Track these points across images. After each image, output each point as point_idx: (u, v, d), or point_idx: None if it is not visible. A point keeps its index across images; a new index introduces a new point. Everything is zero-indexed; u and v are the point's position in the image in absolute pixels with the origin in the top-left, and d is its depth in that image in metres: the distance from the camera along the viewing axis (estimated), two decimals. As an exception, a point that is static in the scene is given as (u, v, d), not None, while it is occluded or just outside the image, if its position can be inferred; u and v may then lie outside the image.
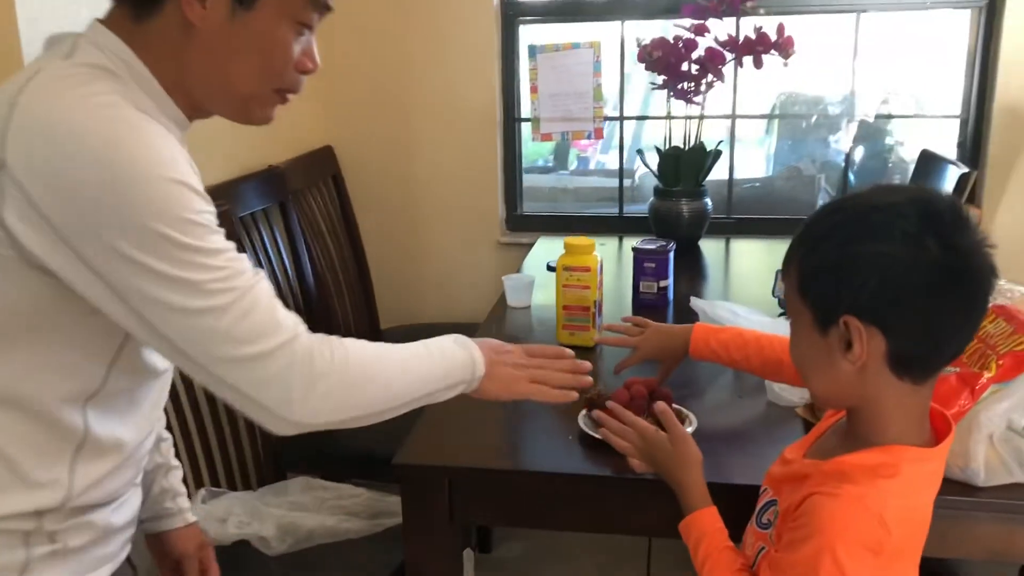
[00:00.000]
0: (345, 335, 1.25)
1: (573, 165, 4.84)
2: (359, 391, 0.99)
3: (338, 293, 2.71)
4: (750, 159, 3.73)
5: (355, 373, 0.98)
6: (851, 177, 3.11)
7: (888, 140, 3.32)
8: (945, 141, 2.85)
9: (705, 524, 1.10)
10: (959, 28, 2.70)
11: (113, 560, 1.06)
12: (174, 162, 0.87)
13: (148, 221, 0.83)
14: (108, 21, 0.96)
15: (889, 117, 3.20)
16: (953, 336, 0.91)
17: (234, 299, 0.88)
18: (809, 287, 0.93)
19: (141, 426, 1.04)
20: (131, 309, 0.87)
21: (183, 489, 1.31)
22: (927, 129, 3.10)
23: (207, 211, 0.89)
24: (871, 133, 3.23)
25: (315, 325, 1.01)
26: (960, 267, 0.88)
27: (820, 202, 3.31)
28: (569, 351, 1.25)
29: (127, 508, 1.08)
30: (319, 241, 2.63)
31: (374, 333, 2.86)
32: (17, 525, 0.93)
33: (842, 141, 3.20)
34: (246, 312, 0.89)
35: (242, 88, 0.99)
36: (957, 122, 2.75)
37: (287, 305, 0.97)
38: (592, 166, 4.99)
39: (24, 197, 0.83)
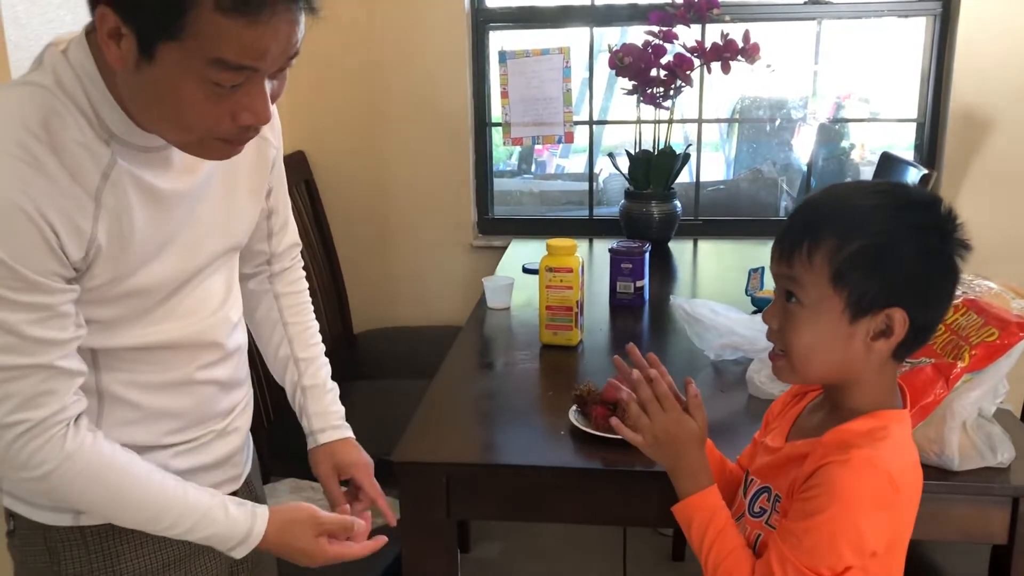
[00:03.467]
0: (322, 339, 1.33)
1: (533, 168, 4.89)
2: (62, 502, 1.04)
3: (313, 297, 2.71)
4: (710, 163, 3.81)
5: (64, 492, 1.00)
6: (813, 181, 3.19)
7: (845, 143, 3.43)
8: (901, 144, 2.96)
9: (715, 501, 1.11)
10: (915, 36, 2.80)
11: None
12: None
13: None
14: (93, 30, 0.95)
15: (847, 121, 3.31)
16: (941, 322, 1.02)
17: None
18: (847, 277, 0.96)
19: (167, 393, 1.09)
20: None
21: (314, 408, 1.33)
22: (883, 132, 3.21)
23: (3, 276, 0.89)
24: (829, 136, 3.33)
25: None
26: (954, 258, 0.98)
27: (783, 204, 3.41)
28: (360, 523, 1.21)
29: (199, 455, 1.14)
30: (293, 246, 2.64)
31: (348, 337, 2.87)
32: None
33: (802, 144, 3.30)
34: None
35: (165, 133, 0.95)
36: (914, 126, 2.85)
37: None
38: (551, 170, 5.05)
39: None
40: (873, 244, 0.95)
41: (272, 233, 1.30)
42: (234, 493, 1.21)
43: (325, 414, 1.32)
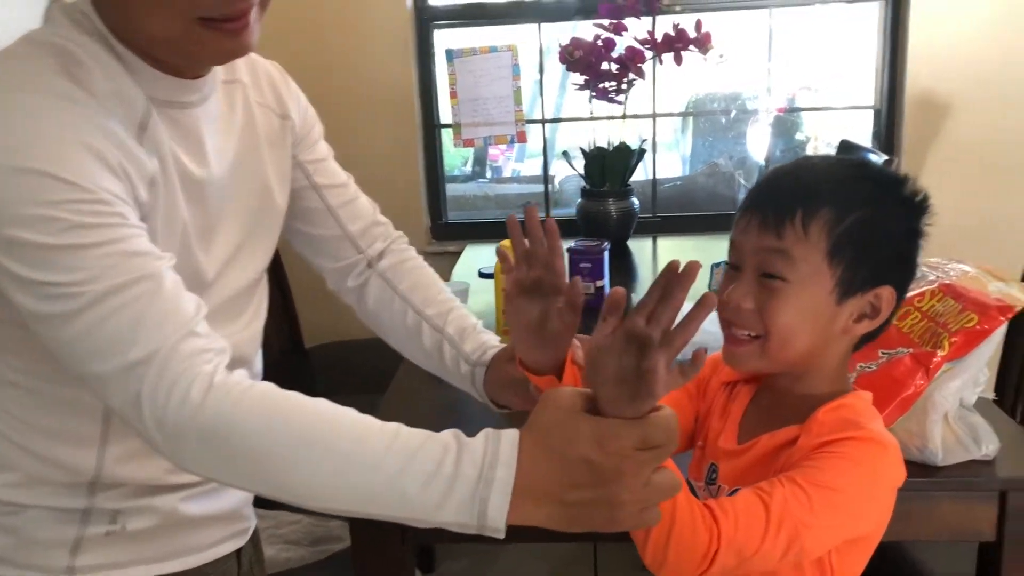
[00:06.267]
0: (264, 354, 1.13)
1: (489, 174, 4.83)
2: (228, 465, 0.74)
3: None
4: (665, 161, 3.76)
5: (225, 439, 0.73)
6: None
7: (802, 134, 3.39)
8: (858, 133, 2.92)
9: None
10: (869, 21, 2.77)
11: (197, 553, 0.99)
12: (36, 146, 0.75)
13: None
14: None
15: (803, 110, 3.27)
16: None
17: (83, 305, 0.74)
18: (842, 252, 0.88)
19: None
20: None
21: (471, 346, 1.10)
22: (840, 122, 3.18)
23: (73, 200, 0.74)
24: (786, 128, 3.28)
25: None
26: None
27: (740, 197, 3.36)
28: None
29: (210, 501, 1.00)
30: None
31: (299, 352, 2.75)
32: (69, 503, 0.91)
33: (757, 137, 3.25)
34: (102, 320, 0.74)
35: (151, 27, 0.82)
36: (871, 113, 2.81)
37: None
38: (507, 174, 4.99)
39: None
40: (869, 217, 0.89)
41: (333, 211, 1.15)
42: (239, 550, 1.07)
43: (484, 343, 1.10)
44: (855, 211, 0.89)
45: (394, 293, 1.16)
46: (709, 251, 2.57)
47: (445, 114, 2.90)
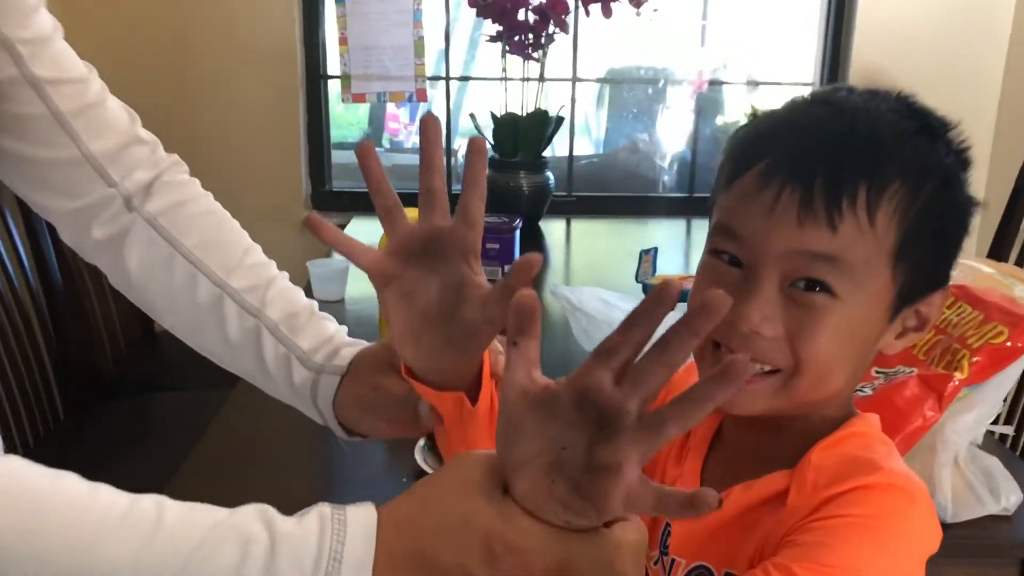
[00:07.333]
0: (110, 341, 0.72)
1: (387, 145, 4.50)
2: None
3: (98, 292, 2.15)
4: (580, 139, 3.47)
5: None
6: (689, 152, 2.89)
7: (720, 119, 3.14)
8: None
9: None
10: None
11: None
12: None
13: None
14: None
15: (733, 84, 3.02)
16: None
17: None
18: (913, 247, 0.60)
19: None
20: None
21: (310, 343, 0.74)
22: (774, 102, 2.95)
23: None
24: (714, 105, 3.03)
25: (64, 330, 0.51)
26: None
27: (663, 179, 3.09)
28: None
29: None
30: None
31: (148, 337, 2.33)
32: None
33: (682, 116, 2.99)
34: None
35: None
36: (809, 91, 2.58)
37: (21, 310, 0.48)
38: (408, 146, 4.66)
39: None
40: (939, 191, 0.60)
41: (63, 120, 0.73)
42: None
43: (331, 338, 0.75)
44: (927, 183, 0.59)
45: (174, 251, 0.75)
46: (630, 235, 2.32)
47: (333, 64, 2.53)
